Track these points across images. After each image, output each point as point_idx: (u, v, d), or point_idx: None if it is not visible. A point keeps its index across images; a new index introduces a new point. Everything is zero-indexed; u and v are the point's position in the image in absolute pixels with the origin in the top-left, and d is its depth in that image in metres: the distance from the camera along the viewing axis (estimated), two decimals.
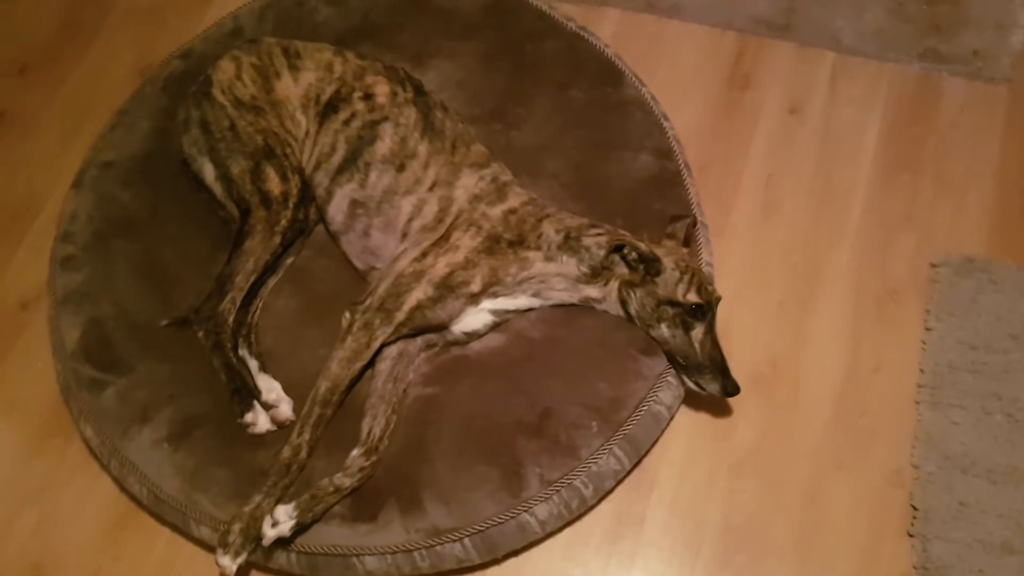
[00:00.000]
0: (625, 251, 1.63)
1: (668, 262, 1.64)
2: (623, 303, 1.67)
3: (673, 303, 1.62)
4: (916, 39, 2.16)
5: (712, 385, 1.63)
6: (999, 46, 2.13)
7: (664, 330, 1.64)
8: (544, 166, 1.91)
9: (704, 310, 1.62)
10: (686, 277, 1.63)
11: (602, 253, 1.65)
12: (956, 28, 2.15)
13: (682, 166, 1.90)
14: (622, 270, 1.66)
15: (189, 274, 1.83)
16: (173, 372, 1.75)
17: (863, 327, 1.88)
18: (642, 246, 1.62)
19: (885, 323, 1.88)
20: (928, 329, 1.85)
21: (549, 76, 2.02)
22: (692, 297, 1.62)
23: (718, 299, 1.66)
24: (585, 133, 1.95)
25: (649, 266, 1.63)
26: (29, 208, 2.15)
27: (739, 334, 1.84)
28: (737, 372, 1.62)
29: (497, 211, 1.71)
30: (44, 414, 1.90)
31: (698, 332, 1.63)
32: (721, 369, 1.62)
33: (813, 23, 2.21)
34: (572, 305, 1.72)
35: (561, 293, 1.70)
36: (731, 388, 1.62)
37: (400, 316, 1.64)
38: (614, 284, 1.67)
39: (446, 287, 1.65)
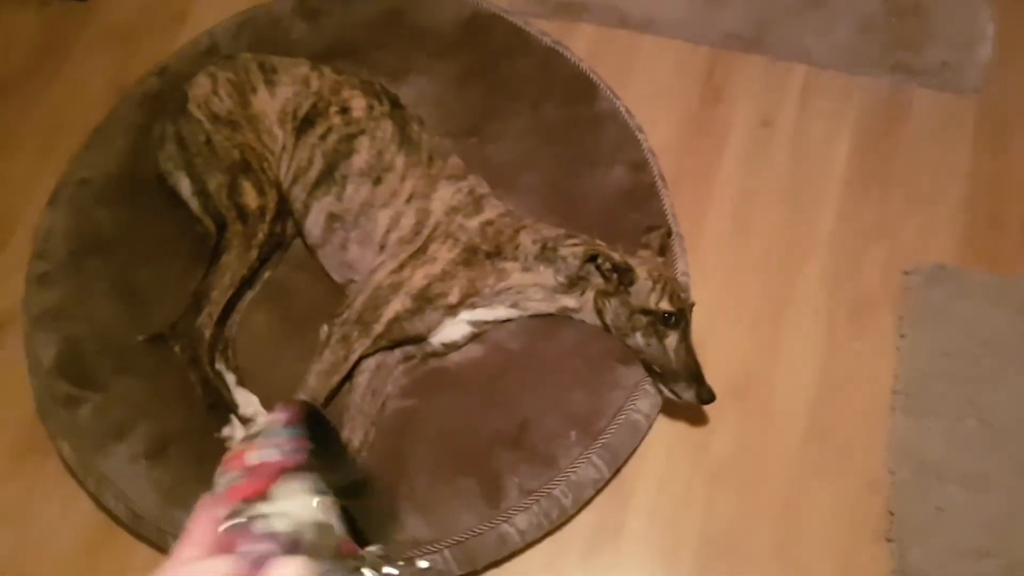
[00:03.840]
0: (599, 261, 1.64)
1: (641, 272, 1.65)
2: (599, 312, 1.68)
3: (646, 312, 1.63)
4: (886, 52, 2.20)
5: (687, 393, 1.64)
6: (967, 58, 2.17)
7: (639, 339, 1.65)
8: (520, 179, 1.92)
9: (677, 318, 1.63)
10: (659, 286, 1.64)
11: (578, 263, 1.66)
12: (925, 41, 2.18)
13: (657, 178, 1.91)
14: (597, 280, 1.67)
15: (165, 290, 1.82)
16: (149, 388, 1.74)
17: (837, 336, 1.90)
18: (615, 256, 1.64)
19: (859, 332, 1.90)
20: (901, 337, 1.87)
21: (525, 90, 2.03)
22: (664, 305, 1.63)
23: (692, 306, 1.67)
24: (560, 146, 1.96)
25: (622, 276, 1.64)
26: (4, 226, 2.15)
27: (714, 344, 1.85)
28: (713, 382, 1.63)
29: (474, 223, 1.72)
30: (21, 432, 1.89)
31: (672, 340, 1.64)
32: (696, 377, 1.63)
33: (784, 38, 2.24)
34: (550, 315, 1.73)
35: (539, 303, 1.71)
36: (706, 395, 1.63)
37: (378, 328, 1.64)
38: (590, 294, 1.68)
39: (424, 299, 1.65)
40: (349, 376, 1.67)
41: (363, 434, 1.64)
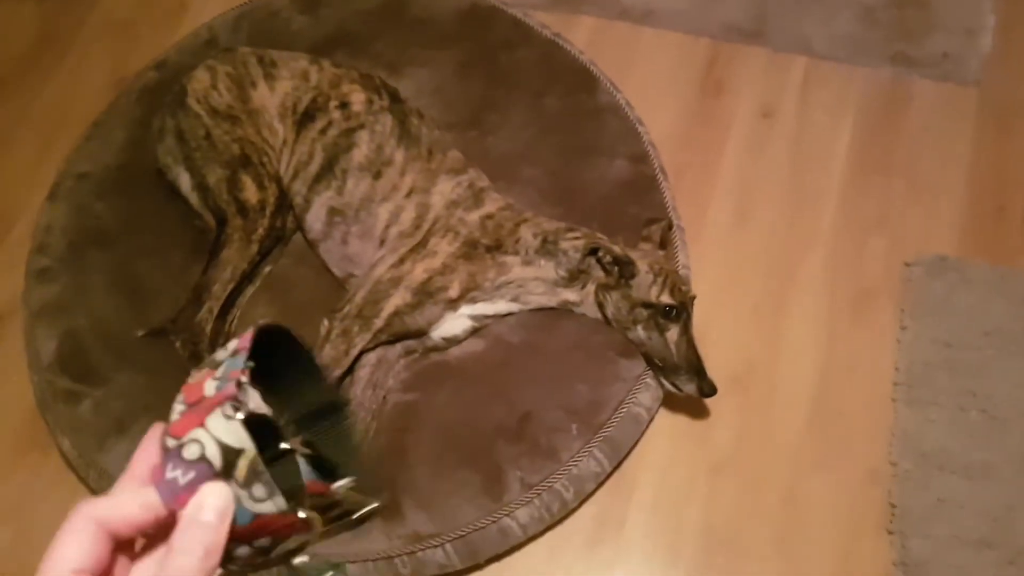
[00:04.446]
0: (600, 254, 1.64)
1: (642, 265, 1.65)
2: (600, 306, 1.68)
3: (647, 305, 1.63)
4: (886, 43, 2.19)
5: (689, 386, 1.64)
6: (968, 48, 2.16)
7: (640, 332, 1.65)
8: (521, 172, 1.92)
9: (678, 311, 1.63)
10: (660, 279, 1.64)
11: (578, 256, 1.65)
12: (925, 32, 2.18)
13: (657, 170, 1.91)
14: (598, 273, 1.66)
15: (165, 284, 1.82)
16: (150, 383, 1.74)
17: (838, 328, 1.89)
18: (616, 249, 1.63)
19: (860, 323, 1.90)
20: (903, 328, 1.87)
21: (524, 83, 2.03)
22: (665, 298, 1.62)
23: (693, 299, 1.66)
24: (561, 139, 1.95)
25: (623, 269, 1.64)
26: (3, 220, 2.14)
27: (716, 337, 1.85)
28: (715, 374, 1.63)
29: (474, 216, 1.72)
30: (21, 428, 1.88)
31: (673, 333, 1.63)
32: (697, 370, 1.63)
33: (784, 29, 2.23)
34: (551, 309, 1.72)
35: (540, 297, 1.71)
36: (708, 389, 1.62)
37: (379, 323, 1.64)
38: (591, 287, 1.67)
39: (424, 293, 1.65)
40: (350, 371, 1.67)
41: (364, 428, 1.64)
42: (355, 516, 0.66)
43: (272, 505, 0.61)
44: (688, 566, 1.70)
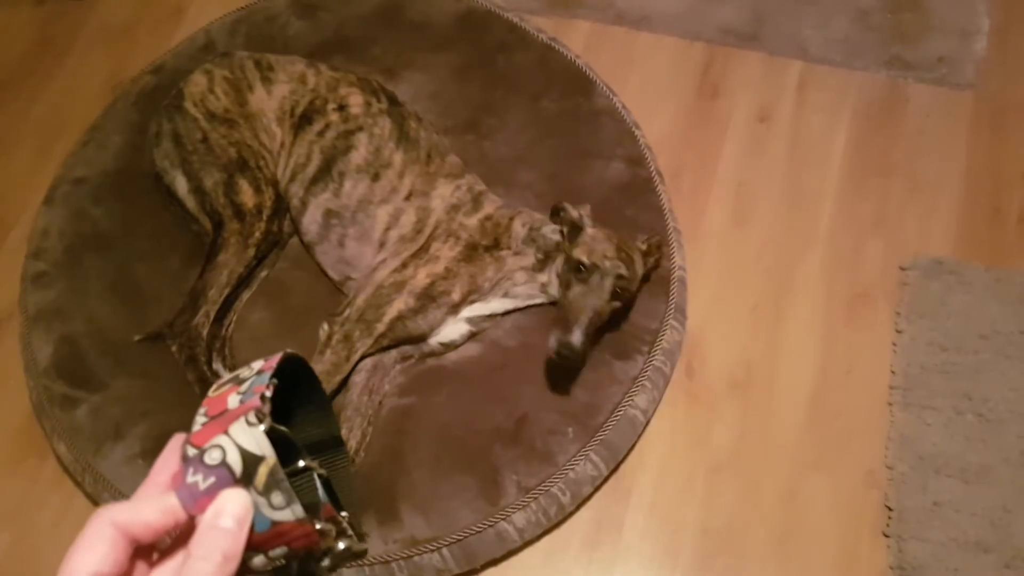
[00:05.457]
0: (562, 214, 1.65)
1: (590, 230, 1.64)
2: (559, 277, 1.66)
3: (568, 259, 1.62)
4: (882, 47, 2.19)
5: (551, 340, 1.55)
6: (963, 52, 2.16)
7: (561, 290, 1.63)
8: (518, 176, 1.92)
9: (588, 271, 1.58)
10: (592, 242, 1.61)
11: (556, 237, 1.66)
12: (921, 36, 2.18)
13: (654, 173, 1.91)
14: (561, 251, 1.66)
15: (162, 289, 1.83)
16: (146, 388, 1.74)
17: (835, 330, 1.90)
18: (574, 212, 1.64)
19: (856, 326, 1.90)
20: (899, 331, 1.87)
21: (521, 87, 2.04)
22: (579, 254, 1.59)
23: (611, 270, 1.59)
24: (558, 142, 1.96)
25: (572, 231, 1.65)
26: (0, 225, 2.14)
27: (713, 339, 1.85)
28: (712, 376, 1.63)
29: (474, 220, 1.72)
30: (17, 433, 1.88)
31: (576, 292, 1.58)
32: (567, 328, 1.53)
33: (780, 33, 2.23)
34: (546, 313, 1.72)
35: (524, 287, 1.71)
36: (563, 349, 1.51)
37: (381, 327, 1.64)
38: (559, 263, 1.66)
39: (428, 297, 1.65)
40: (347, 376, 1.67)
41: (360, 434, 1.64)
42: (340, 548, 0.67)
43: (290, 513, 0.61)
44: (686, 568, 1.70)
